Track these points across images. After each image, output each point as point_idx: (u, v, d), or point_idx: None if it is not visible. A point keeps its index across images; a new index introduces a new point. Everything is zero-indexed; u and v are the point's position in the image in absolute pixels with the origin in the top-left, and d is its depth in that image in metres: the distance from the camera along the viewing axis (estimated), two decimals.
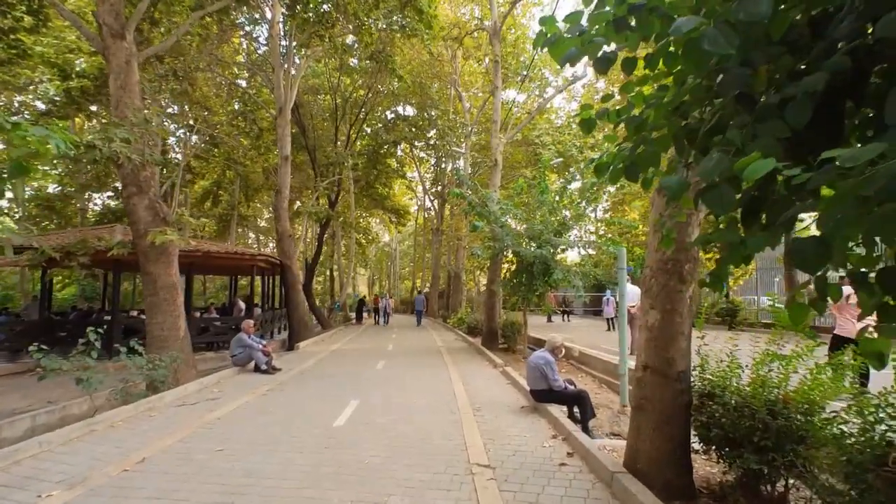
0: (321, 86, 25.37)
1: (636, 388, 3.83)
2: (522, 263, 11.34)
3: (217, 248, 14.45)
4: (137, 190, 8.46)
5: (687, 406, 3.65)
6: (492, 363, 10.22)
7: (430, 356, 11.67)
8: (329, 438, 4.74)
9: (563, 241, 10.73)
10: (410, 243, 50.38)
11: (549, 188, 10.79)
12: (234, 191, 29.88)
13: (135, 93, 8.67)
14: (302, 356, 11.85)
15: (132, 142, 7.45)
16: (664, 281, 3.67)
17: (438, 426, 5.17)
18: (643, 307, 3.88)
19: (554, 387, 5.66)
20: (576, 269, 11.34)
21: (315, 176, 22.25)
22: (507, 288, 11.70)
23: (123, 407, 5.58)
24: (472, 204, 10.98)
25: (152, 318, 8.55)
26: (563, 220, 10.78)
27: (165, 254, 8.63)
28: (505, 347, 12.94)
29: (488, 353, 11.54)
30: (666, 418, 3.58)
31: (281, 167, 17.98)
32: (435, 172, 35.31)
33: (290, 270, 17.28)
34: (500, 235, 10.83)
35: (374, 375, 8.64)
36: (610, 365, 8.84)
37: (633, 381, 3.92)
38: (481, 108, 23.71)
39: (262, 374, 8.65)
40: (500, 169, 13.89)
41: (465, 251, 24.02)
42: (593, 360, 9.67)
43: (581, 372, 9.59)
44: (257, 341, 9.11)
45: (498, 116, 13.99)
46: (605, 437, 5.60)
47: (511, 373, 8.38)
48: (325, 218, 24.18)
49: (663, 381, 3.62)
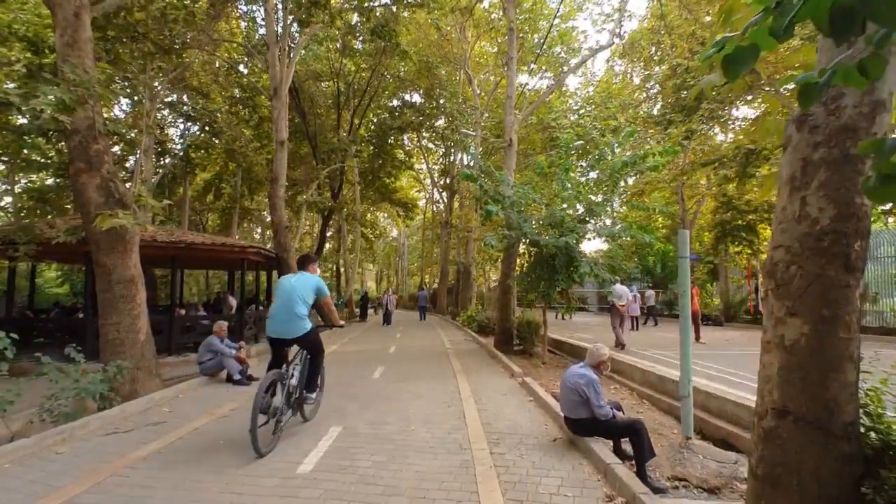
0: (323, 71, 24.00)
1: (762, 444, 2.34)
2: (542, 255, 9.87)
3: (202, 239, 13.14)
4: (87, 166, 7.10)
5: (857, 481, 2.17)
6: (508, 371, 8.77)
7: (436, 361, 10.24)
8: (283, 499, 3.32)
9: (589, 229, 9.23)
10: (419, 238, 49.03)
11: (574, 166, 9.27)
12: (236, 183, 28.71)
13: (85, 52, 7.29)
14: None
15: (69, 104, 6.06)
16: (816, 269, 2.18)
17: (442, 475, 3.73)
18: (768, 311, 2.40)
19: (599, 415, 4.19)
20: (602, 261, 9.83)
21: (315, 163, 20.89)
22: (525, 283, 10.21)
23: (22, 441, 4.21)
24: (485, 188, 9.50)
25: (106, 319, 7.20)
26: (590, 205, 9.27)
27: (122, 242, 7.28)
28: (520, 350, 11.48)
29: (503, 357, 10.08)
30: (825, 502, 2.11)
31: (277, 153, 16.62)
32: (443, 164, 33.89)
33: (286, 265, 15.93)
34: (516, 223, 9.36)
35: (368, 388, 7.23)
36: (651, 376, 7.33)
37: (755, 433, 2.44)
38: (492, 92, 22.14)
39: (234, 384, 7.28)
40: (515, 150, 12.38)
41: (476, 244, 22.53)
42: (629, 368, 8.16)
43: (613, 382, 8.09)
44: (231, 346, 7.73)
45: (513, 91, 12.46)
46: (667, 484, 4.13)
47: (533, 386, 6.91)
48: (327, 209, 22.88)
49: (818, 437, 2.14)
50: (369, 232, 38.87)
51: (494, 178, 9.92)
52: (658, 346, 11.63)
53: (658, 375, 7.10)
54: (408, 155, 31.90)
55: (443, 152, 33.87)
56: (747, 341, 12.91)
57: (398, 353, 11.58)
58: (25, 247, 7.34)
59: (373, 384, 7.55)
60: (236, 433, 4.72)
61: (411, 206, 38.01)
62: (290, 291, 4.67)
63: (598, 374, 4.41)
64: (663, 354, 10.23)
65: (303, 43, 18.46)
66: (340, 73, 22.19)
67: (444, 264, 31.04)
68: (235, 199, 29.05)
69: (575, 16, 20.16)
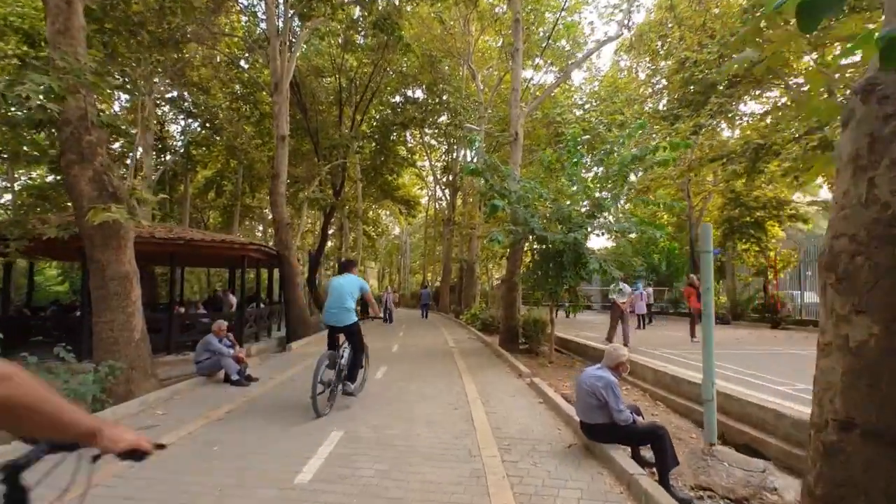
0: (325, 67, 23.71)
1: (821, 460, 2.06)
2: (548, 251, 9.59)
3: (202, 236, 12.90)
4: (79, 158, 6.84)
5: None
6: (515, 370, 8.49)
7: (440, 360, 9.97)
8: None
9: (598, 225, 8.95)
10: (421, 235, 48.75)
11: (581, 162, 8.98)
12: (238, 180, 28.48)
13: (77, 40, 7.03)
14: (291, 359, 10.25)
15: (59, 92, 5.79)
16: (887, 259, 1.90)
17: (451, 486, 3.45)
18: (827, 308, 2.11)
19: (619, 420, 3.91)
20: (611, 257, 9.54)
21: (317, 159, 20.60)
22: (531, 280, 9.93)
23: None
24: (490, 183, 9.20)
25: (100, 316, 6.96)
26: (597, 200, 8.97)
27: (116, 237, 7.02)
28: (526, 349, 11.21)
29: (508, 356, 9.81)
30: None
31: (278, 149, 16.36)
32: (446, 161, 33.59)
33: (287, 262, 15.70)
34: (523, 218, 9.07)
35: (370, 389, 6.96)
36: (665, 377, 7.04)
37: (812, 447, 2.16)
38: (496, 87, 21.81)
39: (232, 385, 7.01)
40: (520, 144, 12.08)
41: (479, 241, 22.24)
42: (640, 367, 7.86)
43: (624, 383, 7.80)
44: (229, 346, 7.46)
45: (518, 84, 12.14)
46: (691, 494, 3.85)
47: (542, 386, 6.64)
48: (328, 206, 22.60)
49: (889, 453, 1.86)
50: (371, 230, 38.59)
51: (500, 173, 9.62)
52: (667, 345, 11.36)
53: (672, 376, 6.82)
54: (410, 152, 31.60)
55: (445, 149, 33.59)
56: (756, 340, 12.62)
57: (401, 352, 11.32)
58: (16, 242, 7.08)
59: (375, 384, 7.29)
60: (231, 438, 4.45)
61: (413, 203, 37.73)
62: (340, 289, 5.81)
63: (616, 376, 4.12)
64: (672, 353, 9.96)
65: (304, 37, 18.18)
66: (342, 68, 21.88)
67: (446, 262, 30.77)
68: (236, 197, 28.85)
69: (581, 9, 19.80)
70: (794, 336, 13.71)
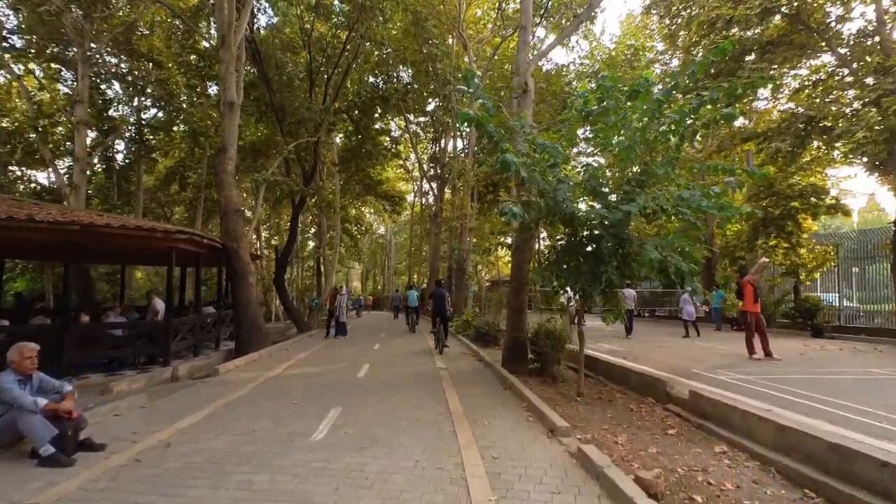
0: (294, 37, 20.61)
1: None
2: (576, 239, 6.68)
3: (108, 221, 9.69)
4: None
5: None
6: (538, 416, 5.50)
7: (424, 396, 6.89)
8: None
9: (662, 196, 6.06)
10: (407, 234, 45.64)
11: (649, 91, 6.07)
12: (202, 171, 25.19)
13: None
14: (209, 392, 7.12)
15: None
16: None
17: None
18: None
19: None
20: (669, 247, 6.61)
21: (281, 134, 17.41)
22: (552, 278, 6.90)
23: None
24: (490, 132, 6.21)
25: None
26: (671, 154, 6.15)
27: None
28: (538, 369, 8.26)
29: (520, 386, 6.79)
30: None
31: (225, 117, 13.24)
32: (433, 150, 30.66)
33: (236, 256, 12.55)
34: (542, 186, 6.12)
35: (300, 460, 3.94)
36: (806, 439, 4.05)
37: None
38: (491, 58, 18.88)
39: (40, 465, 3.88)
40: (531, 99, 9.14)
41: (472, 234, 19.24)
42: (734, 413, 4.84)
43: (711, 439, 4.83)
44: (54, 386, 4.30)
45: (528, 20, 9.20)
46: None
47: (601, 465, 3.67)
48: (297, 195, 19.46)
49: None
50: (354, 228, 35.50)
51: (506, 125, 6.60)
52: (721, 365, 8.59)
53: (830, 443, 3.82)
54: (394, 142, 28.59)
55: (433, 138, 30.67)
56: (825, 356, 9.85)
57: (369, 380, 8.22)
58: None
59: (312, 448, 4.24)
60: None
61: (398, 199, 34.76)
62: None
63: None
64: (738, 378, 7.20)
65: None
66: (311, 35, 18.77)
67: (433, 261, 27.79)
68: (200, 189, 25.50)
69: None
70: (859, 349, 10.99)
